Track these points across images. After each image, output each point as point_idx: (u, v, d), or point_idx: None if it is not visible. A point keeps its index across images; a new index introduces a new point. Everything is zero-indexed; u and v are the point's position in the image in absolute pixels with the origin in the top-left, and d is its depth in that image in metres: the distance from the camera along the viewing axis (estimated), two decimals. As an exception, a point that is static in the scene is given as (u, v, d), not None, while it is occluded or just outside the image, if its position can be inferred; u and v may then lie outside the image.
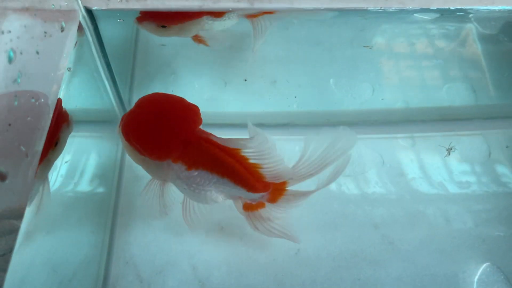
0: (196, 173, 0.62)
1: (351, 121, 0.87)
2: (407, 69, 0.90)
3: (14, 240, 0.44)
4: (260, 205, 0.68)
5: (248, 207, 0.68)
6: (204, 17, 0.78)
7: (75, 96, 0.71)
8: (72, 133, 0.72)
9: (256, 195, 0.64)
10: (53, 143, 0.65)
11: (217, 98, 0.89)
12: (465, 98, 0.88)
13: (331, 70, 0.91)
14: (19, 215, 0.44)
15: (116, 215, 0.78)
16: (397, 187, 0.81)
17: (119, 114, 0.85)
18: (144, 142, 0.62)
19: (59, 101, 0.66)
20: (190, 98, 0.91)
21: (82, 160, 0.77)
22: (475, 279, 0.73)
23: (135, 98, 0.88)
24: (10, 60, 0.40)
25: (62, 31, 0.53)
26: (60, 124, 0.67)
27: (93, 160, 0.80)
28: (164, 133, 0.62)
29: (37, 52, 0.45)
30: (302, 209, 0.78)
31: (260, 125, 0.86)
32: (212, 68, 0.90)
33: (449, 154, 0.80)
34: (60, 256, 0.70)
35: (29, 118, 0.43)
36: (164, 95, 0.67)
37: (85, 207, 0.75)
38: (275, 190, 0.65)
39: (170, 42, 0.89)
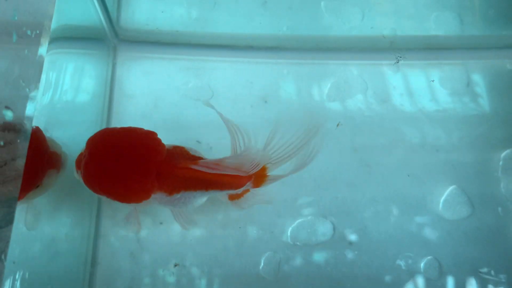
0: (179, 196, 0.63)
1: (339, 47, 0.88)
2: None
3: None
4: (245, 191, 0.70)
5: (234, 197, 0.71)
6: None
7: (64, 12, 0.70)
8: (63, 50, 0.72)
9: (241, 189, 0.66)
10: (34, 185, 0.62)
11: (206, 18, 0.88)
12: (452, 27, 0.89)
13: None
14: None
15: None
16: (378, 112, 0.85)
17: (108, 32, 0.84)
18: (116, 195, 0.61)
19: (45, 143, 0.63)
20: (178, 17, 0.91)
21: (74, 76, 0.77)
22: (441, 200, 0.80)
23: (123, 15, 0.87)
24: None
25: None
26: (45, 169, 0.63)
27: (84, 76, 0.80)
28: (134, 179, 0.60)
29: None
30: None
31: (249, 47, 0.88)
32: (201, -14, 0.88)
33: (397, 62, 0.83)
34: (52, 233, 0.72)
35: (26, 52, 0.44)
36: (116, 133, 0.63)
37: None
38: (258, 177, 0.66)
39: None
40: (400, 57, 0.85)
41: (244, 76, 0.86)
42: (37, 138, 0.61)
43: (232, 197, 0.71)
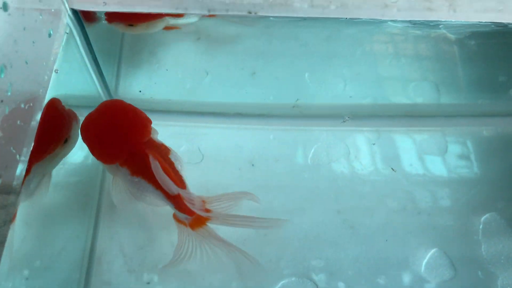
0: (137, 179, 0.70)
1: (322, 114, 0.93)
2: (377, 67, 0.96)
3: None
4: (184, 224, 0.73)
5: (175, 218, 0.74)
6: (167, 17, 0.83)
7: (64, 83, 0.77)
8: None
9: (181, 215, 0.71)
10: (62, 140, 0.73)
11: (199, 88, 0.95)
12: (429, 96, 0.94)
13: (307, 65, 0.96)
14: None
15: (102, 195, 0.85)
16: (360, 176, 0.88)
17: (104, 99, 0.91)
18: (93, 146, 0.71)
19: (59, 102, 0.74)
20: (173, 87, 0.98)
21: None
22: (424, 262, 0.81)
23: (121, 86, 0.95)
24: (1, 73, 0.46)
25: (49, 36, 0.59)
26: (70, 122, 0.74)
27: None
28: (112, 140, 0.70)
29: (26, 62, 0.51)
30: (274, 195, 0.86)
31: (239, 115, 0.94)
32: (195, 59, 0.96)
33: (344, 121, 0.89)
34: (51, 231, 0.78)
35: (19, 122, 0.50)
36: (122, 104, 0.74)
37: (74, 189, 0.83)
38: (198, 219, 0.71)
39: (157, 34, 0.94)
40: (348, 118, 0.90)
41: (233, 141, 0.91)
42: (56, 101, 0.72)
43: (175, 217, 0.74)
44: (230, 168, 0.89)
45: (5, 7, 0.47)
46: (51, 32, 0.59)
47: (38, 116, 0.55)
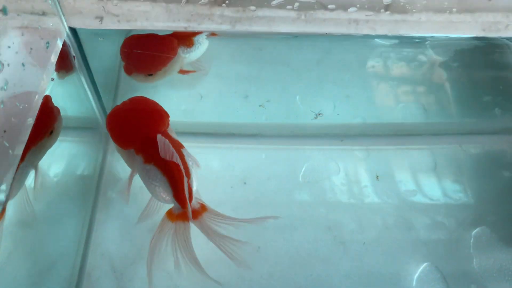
0: (148, 167, 0.74)
1: (313, 133, 0.96)
2: (366, 88, 0.99)
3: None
4: (172, 218, 0.74)
5: (169, 215, 0.75)
6: (179, 51, 0.88)
7: (60, 105, 0.81)
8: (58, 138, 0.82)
9: (178, 207, 0.73)
10: (48, 131, 0.76)
11: (193, 110, 0.98)
12: (417, 116, 0.97)
13: (298, 88, 1.00)
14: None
15: (95, 212, 0.87)
16: (351, 193, 0.90)
17: (101, 122, 0.94)
18: (114, 130, 0.78)
19: (49, 98, 0.76)
20: (169, 109, 1.01)
21: (66, 162, 0.86)
22: (415, 277, 0.81)
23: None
24: (-3, 71, 0.50)
25: (47, 48, 0.62)
26: (55, 116, 0.78)
27: (76, 162, 0.89)
28: (130, 126, 0.77)
29: (23, 64, 0.55)
30: (265, 212, 0.87)
31: (231, 134, 0.97)
32: (190, 83, 1.00)
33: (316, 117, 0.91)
34: (40, 247, 0.78)
35: (13, 119, 0.52)
36: (144, 99, 0.82)
37: (68, 203, 0.84)
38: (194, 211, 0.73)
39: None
40: (320, 114, 0.92)
41: (226, 160, 0.93)
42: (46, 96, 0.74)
43: (169, 214, 0.75)
44: (222, 186, 0.90)
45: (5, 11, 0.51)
46: (49, 43, 0.62)
47: (32, 118, 0.58)
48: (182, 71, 0.94)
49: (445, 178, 0.91)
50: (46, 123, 0.76)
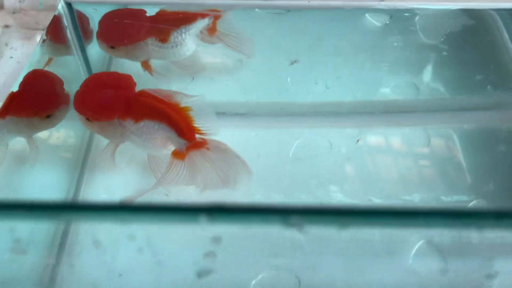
0: (142, 123, 0.75)
1: (304, 112, 0.95)
2: (358, 69, 0.99)
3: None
4: (180, 156, 0.77)
5: (176, 154, 0.77)
6: (149, 41, 0.89)
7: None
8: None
9: (183, 141, 0.76)
10: (43, 114, 0.78)
11: (185, 89, 0.97)
12: (409, 93, 0.96)
13: (289, 71, 1.00)
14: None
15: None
16: (344, 170, 0.87)
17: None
18: (92, 109, 0.77)
19: (60, 82, 0.83)
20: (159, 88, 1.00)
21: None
22: (411, 255, 0.77)
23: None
24: None
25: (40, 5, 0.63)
26: (57, 101, 0.81)
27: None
28: (106, 97, 0.77)
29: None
30: (255, 188, 0.85)
31: (222, 113, 0.96)
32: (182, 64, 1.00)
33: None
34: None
35: None
36: (104, 73, 0.86)
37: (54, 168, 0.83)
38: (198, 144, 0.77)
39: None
40: (295, 61, 0.91)
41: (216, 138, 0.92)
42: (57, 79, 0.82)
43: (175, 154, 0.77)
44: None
45: None
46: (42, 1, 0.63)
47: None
48: (144, 63, 0.94)
49: (439, 154, 0.89)
50: (41, 103, 0.79)
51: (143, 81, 0.90)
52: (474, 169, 0.86)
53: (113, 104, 0.76)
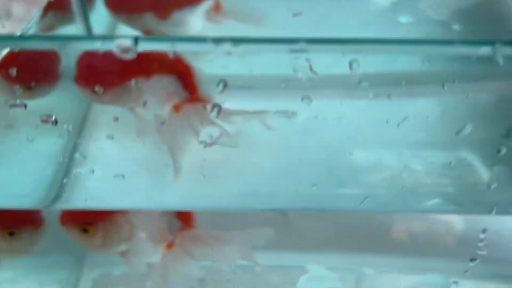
0: (154, 79, 0.74)
1: (314, 86, 0.89)
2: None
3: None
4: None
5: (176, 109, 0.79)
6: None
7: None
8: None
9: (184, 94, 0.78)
10: (25, 84, 0.72)
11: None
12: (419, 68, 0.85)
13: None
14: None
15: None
16: (356, 141, 0.94)
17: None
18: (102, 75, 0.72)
19: (56, 56, 0.75)
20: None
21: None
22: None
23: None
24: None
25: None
26: (53, 78, 0.74)
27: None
28: (114, 60, 0.67)
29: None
30: (263, 157, 0.94)
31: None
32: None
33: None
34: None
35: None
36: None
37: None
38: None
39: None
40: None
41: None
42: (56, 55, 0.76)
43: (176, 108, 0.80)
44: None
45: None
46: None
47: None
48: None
49: (452, 124, 0.87)
50: (22, 72, 0.71)
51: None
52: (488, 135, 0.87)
53: (125, 64, 0.68)
